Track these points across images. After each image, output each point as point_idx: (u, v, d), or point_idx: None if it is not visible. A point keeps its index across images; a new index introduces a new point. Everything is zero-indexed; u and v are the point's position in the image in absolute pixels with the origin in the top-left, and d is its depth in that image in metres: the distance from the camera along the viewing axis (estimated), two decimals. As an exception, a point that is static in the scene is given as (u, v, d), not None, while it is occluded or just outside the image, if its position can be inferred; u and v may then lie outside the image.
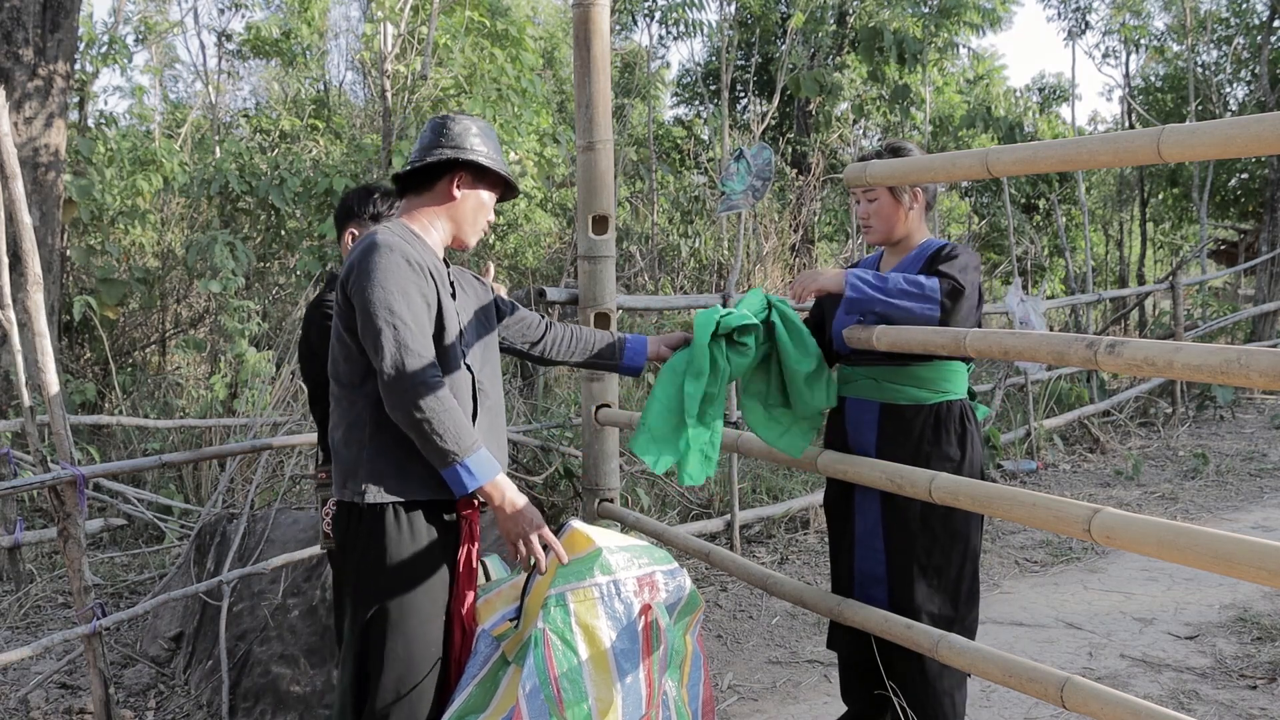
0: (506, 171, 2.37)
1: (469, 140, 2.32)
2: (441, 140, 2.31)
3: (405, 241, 2.21)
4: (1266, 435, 8.05)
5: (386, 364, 2.09)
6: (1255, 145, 1.56)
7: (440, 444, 2.08)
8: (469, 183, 2.33)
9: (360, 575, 2.19)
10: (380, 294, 2.11)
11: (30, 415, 3.07)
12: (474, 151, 2.30)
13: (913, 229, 2.75)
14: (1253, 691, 3.45)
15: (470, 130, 2.34)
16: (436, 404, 2.08)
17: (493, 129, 2.40)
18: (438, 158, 2.28)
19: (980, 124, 13.22)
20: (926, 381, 2.64)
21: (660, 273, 10.46)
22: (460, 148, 2.30)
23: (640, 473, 5.47)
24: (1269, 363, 1.55)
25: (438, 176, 2.31)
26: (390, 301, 2.11)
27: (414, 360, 2.09)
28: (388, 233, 2.21)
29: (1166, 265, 18.49)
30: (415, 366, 2.09)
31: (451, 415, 2.09)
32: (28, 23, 6.27)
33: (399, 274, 2.14)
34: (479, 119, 2.40)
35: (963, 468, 2.61)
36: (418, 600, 2.18)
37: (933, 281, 2.46)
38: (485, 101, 8.52)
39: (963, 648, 2.25)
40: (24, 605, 4.47)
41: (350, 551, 2.22)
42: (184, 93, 18.53)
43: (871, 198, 2.72)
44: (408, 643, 2.16)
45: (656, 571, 2.27)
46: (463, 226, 2.36)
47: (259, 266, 8.21)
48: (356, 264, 2.16)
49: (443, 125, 2.33)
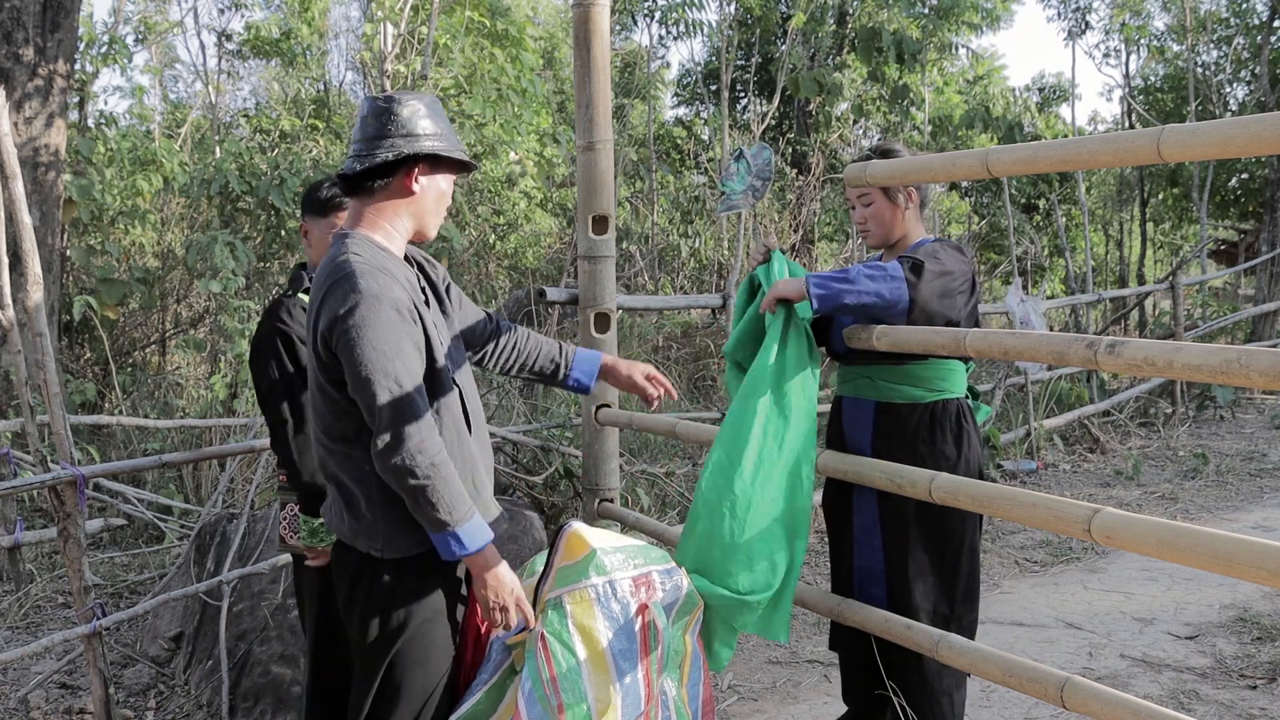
0: (466, 155, 2.18)
1: (419, 124, 2.08)
2: (390, 128, 2.06)
3: (383, 273, 2.01)
4: (1266, 435, 8.05)
5: (383, 430, 1.96)
6: (1255, 145, 1.56)
7: (434, 513, 1.98)
8: (427, 171, 2.12)
9: (383, 624, 2.11)
10: (372, 355, 1.95)
11: (30, 415, 3.07)
12: (428, 137, 2.09)
13: (910, 229, 2.75)
14: (1253, 691, 3.45)
15: (419, 112, 2.09)
16: (434, 472, 1.97)
17: (437, 102, 2.18)
18: (393, 153, 2.05)
19: (980, 124, 13.21)
20: (923, 380, 2.64)
21: (660, 273, 10.46)
22: (413, 134, 2.07)
23: (640, 473, 5.47)
24: (1269, 363, 1.55)
25: (392, 172, 2.08)
26: (384, 364, 1.96)
27: (412, 427, 1.96)
28: (363, 266, 2.00)
29: (1166, 265, 18.49)
30: (414, 433, 1.96)
31: (448, 484, 1.99)
32: (28, 23, 6.26)
33: (390, 330, 1.97)
34: (424, 95, 2.15)
35: (959, 466, 2.61)
36: (437, 634, 2.14)
37: (893, 263, 2.47)
38: (485, 101, 8.52)
39: (963, 648, 2.25)
40: (24, 605, 4.47)
41: (367, 601, 2.12)
42: (184, 93, 18.55)
43: (867, 202, 2.72)
44: (428, 676, 2.14)
45: (653, 571, 2.27)
46: (425, 220, 2.17)
47: (259, 266, 8.20)
48: (340, 318, 1.96)
49: (388, 110, 2.07)
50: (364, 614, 2.12)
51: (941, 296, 2.50)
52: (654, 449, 6.28)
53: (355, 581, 2.14)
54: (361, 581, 2.12)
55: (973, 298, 2.61)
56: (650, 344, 8.36)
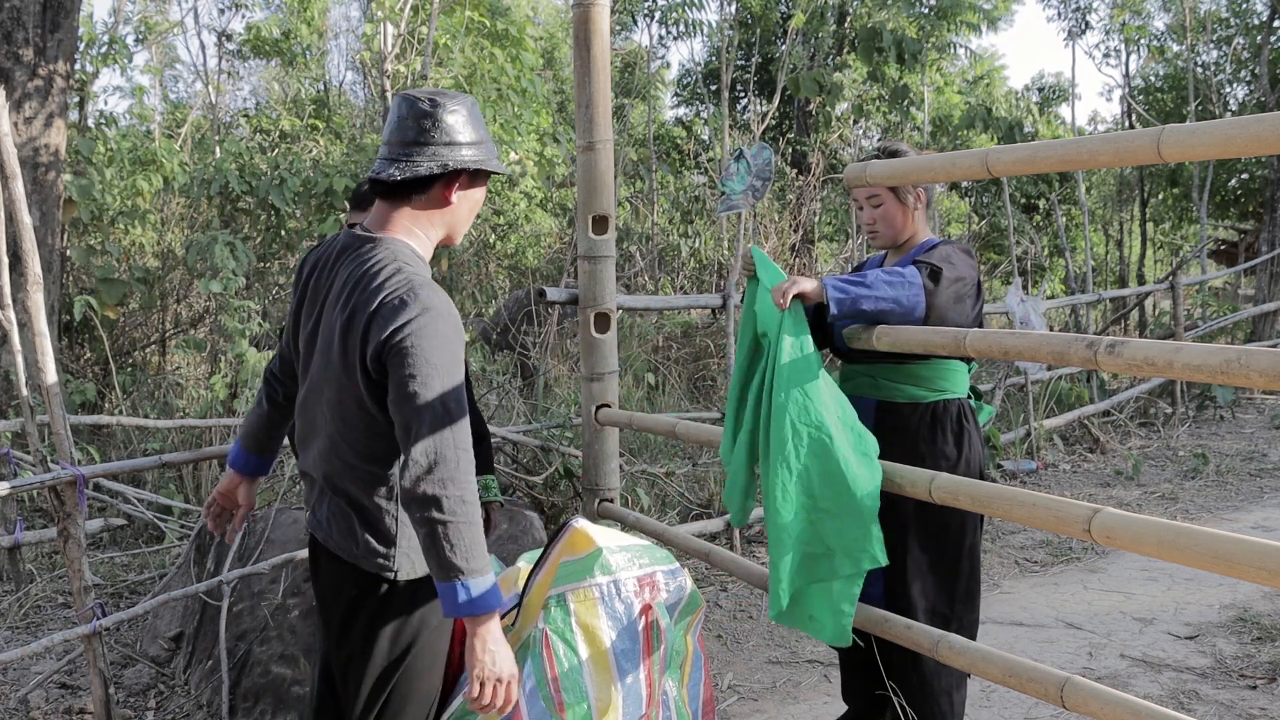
0: (503, 167, 2.12)
1: (463, 134, 2.00)
2: (433, 135, 1.97)
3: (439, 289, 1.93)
4: (1266, 435, 8.05)
5: (418, 452, 1.83)
6: (1255, 145, 1.56)
7: (449, 555, 1.82)
8: (466, 184, 2.05)
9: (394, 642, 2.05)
10: (426, 371, 1.84)
11: (30, 415, 3.07)
12: (470, 146, 2.01)
13: (917, 229, 2.76)
14: (1253, 691, 3.45)
15: (461, 119, 2.00)
16: (461, 510, 1.83)
17: (477, 105, 2.10)
18: (436, 164, 1.97)
19: (980, 124, 13.21)
20: (924, 380, 2.65)
21: (660, 273, 10.45)
22: (454, 143, 1.98)
23: (640, 473, 5.47)
24: (1269, 363, 1.55)
25: (431, 181, 2.00)
26: (436, 382, 1.85)
27: (451, 455, 1.84)
28: (419, 279, 1.92)
29: (1166, 265, 18.49)
30: (450, 463, 1.84)
31: (473, 528, 1.85)
32: (28, 23, 6.26)
33: (447, 348, 1.87)
34: (463, 96, 2.05)
35: (959, 466, 2.62)
36: (441, 644, 2.12)
37: (911, 269, 2.46)
38: (485, 101, 8.52)
39: (962, 648, 2.25)
40: (24, 605, 4.47)
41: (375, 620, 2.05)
42: (184, 93, 18.57)
43: (876, 203, 2.72)
44: (433, 683, 2.12)
45: (657, 571, 2.27)
46: (457, 228, 2.10)
47: (259, 266, 8.20)
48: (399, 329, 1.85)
49: (431, 116, 1.98)
50: (370, 632, 2.05)
51: (955, 303, 2.51)
52: (654, 449, 6.28)
53: (360, 602, 2.05)
54: (368, 602, 2.04)
55: (978, 301, 2.62)
56: (650, 344, 8.36)
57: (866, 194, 2.72)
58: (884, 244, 2.79)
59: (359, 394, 1.94)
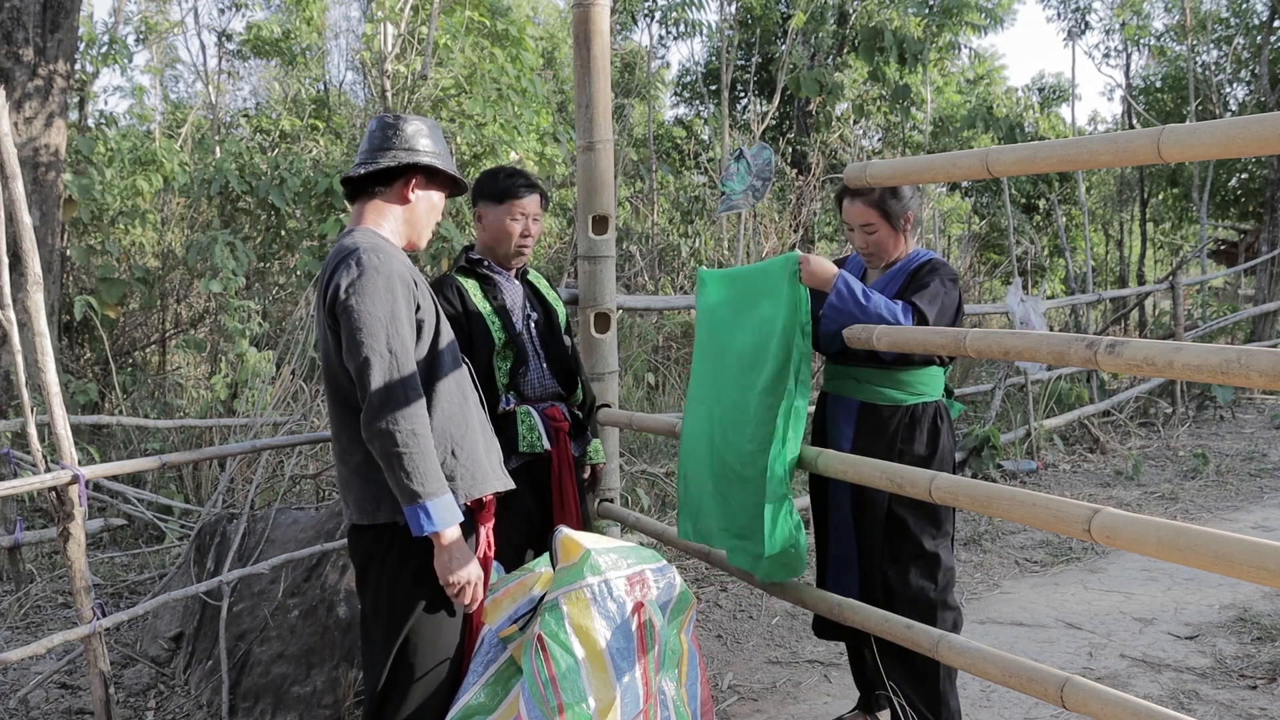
0: (457, 172, 2.40)
1: (420, 142, 2.31)
2: (394, 141, 2.29)
3: (384, 251, 2.17)
4: (1266, 435, 8.05)
5: (370, 395, 2.06)
6: (1255, 145, 1.56)
7: (407, 482, 2.05)
8: (423, 184, 2.34)
9: (394, 595, 2.21)
10: (367, 322, 2.08)
11: (30, 415, 3.07)
12: (427, 154, 2.31)
13: (907, 247, 2.94)
14: (1253, 691, 3.45)
15: (421, 131, 2.32)
16: (413, 441, 2.05)
17: (439, 126, 2.40)
18: (394, 161, 2.26)
19: (981, 124, 13.22)
20: (905, 384, 2.84)
21: (660, 273, 10.45)
22: (414, 149, 2.29)
23: (640, 473, 5.47)
24: (1269, 363, 1.55)
25: (391, 180, 2.31)
26: (377, 330, 2.08)
27: (399, 394, 2.06)
28: (366, 244, 2.17)
29: (1166, 265, 18.50)
30: (399, 400, 2.06)
31: (426, 456, 2.07)
32: (28, 23, 6.26)
33: (385, 300, 2.11)
34: (426, 118, 2.39)
35: (931, 463, 2.82)
36: (445, 616, 2.24)
37: (905, 309, 2.63)
38: (485, 101, 8.52)
39: (962, 647, 2.25)
40: (24, 605, 4.47)
41: (381, 571, 2.22)
42: (184, 93, 18.57)
43: (871, 230, 2.87)
44: (437, 655, 2.22)
45: (646, 569, 2.30)
46: (417, 229, 2.36)
47: (259, 266, 8.20)
48: (342, 288, 2.11)
49: (394, 125, 2.31)
50: (377, 587, 2.22)
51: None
52: (654, 449, 6.28)
53: (369, 560, 2.23)
54: (375, 558, 2.21)
55: (956, 321, 2.80)
56: (650, 344, 8.36)
57: (861, 221, 2.86)
58: (877, 264, 2.95)
59: (340, 360, 2.16)
